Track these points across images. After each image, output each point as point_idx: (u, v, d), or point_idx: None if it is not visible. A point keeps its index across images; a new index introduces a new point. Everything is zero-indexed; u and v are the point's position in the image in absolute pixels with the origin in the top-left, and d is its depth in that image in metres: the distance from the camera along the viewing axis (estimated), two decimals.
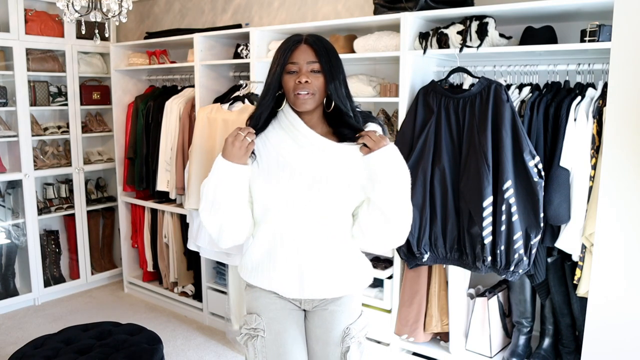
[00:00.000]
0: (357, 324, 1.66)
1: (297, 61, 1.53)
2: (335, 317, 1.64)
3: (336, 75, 1.53)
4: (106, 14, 2.39)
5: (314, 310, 1.67)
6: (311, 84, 1.51)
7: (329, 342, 1.63)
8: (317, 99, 1.54)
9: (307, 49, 1.53)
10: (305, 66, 1.52)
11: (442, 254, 2.40)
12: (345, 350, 1.61)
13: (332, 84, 1.53)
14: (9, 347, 3.17)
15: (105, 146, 4.40)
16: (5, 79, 3.69)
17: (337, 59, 1.56)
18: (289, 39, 1.56)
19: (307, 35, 1.56)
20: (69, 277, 4.15)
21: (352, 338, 1.63)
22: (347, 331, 1.63)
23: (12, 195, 3.77)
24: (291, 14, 3.40)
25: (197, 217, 3.18)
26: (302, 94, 1.52)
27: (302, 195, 1.53)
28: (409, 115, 2.43)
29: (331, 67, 1.53)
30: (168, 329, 3.46)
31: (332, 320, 1.64)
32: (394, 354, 2.66)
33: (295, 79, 1.52)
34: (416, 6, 2.46)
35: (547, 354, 2.39)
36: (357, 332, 1.65)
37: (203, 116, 3.03)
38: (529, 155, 2.11)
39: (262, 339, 1.62)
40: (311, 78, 1.52)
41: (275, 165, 1.55)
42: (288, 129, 1.57)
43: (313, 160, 1.54)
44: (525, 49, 2.22)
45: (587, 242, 2.09)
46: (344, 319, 1.64)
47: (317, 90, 1.53)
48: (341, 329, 1.63)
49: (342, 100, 1.54)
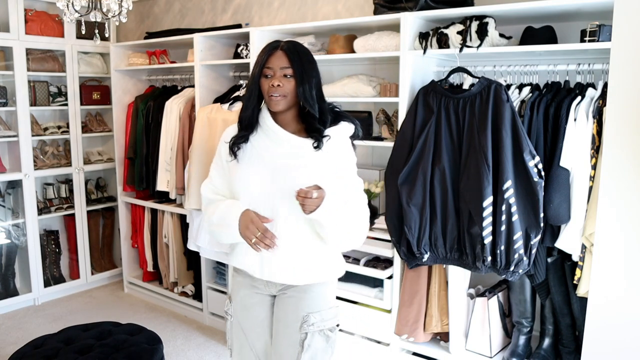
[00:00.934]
0: (321, 314, 1.75)
1: (272, 66, 1.69)
2: (295, 302, 1.75)
3: (307, 80, 1.69)
4: (106, 14, 2.39)
5: (278, 294, 1.81)
6: (283, 87, 1.67)
7: (288, 325, 1.75)
8: (288, 101, 1.70)
9: (282, 55, 1.69)
10: (278, 71, 1.68)
11: (442, 254, 2.40)
12: (304, 337, 1.72)
13: (301, 87, 1.68)
14: (9, 347, 3.17)
15: (105, 146, 4.40)
16: (5, 79, 3.69)
17: (310, 64, 1.72)
18: (268, 44, 1.73)
19: (284, 42, 1.72)
20: (69, 277, 4.15)
21: (311, 326, 1.72)
22: (305, 318, 1.73)
23: (12, 195, 3.77)
24: (291, 14, 3.40)
25: (197, 217, 3.18)
26: (274, 96, 1.68)
27: (269, 184, 1.69)
28: (409, 115, 2.43)
29: (302, 71, 1.69)
30: (168, 329, 3.46)
31: (292, 304, 1.76)
32: (394, 354, 2.66)
33: (269, 82, 1.68)
34: (416, 6, 2.46)
35: (547, 354, 2.39)
36: (318, 321, 1.73)
37: (203, 116, 3.03)
38: (529, 155, 2.11)
39: (231, 322, 1.87)
40: (283, 82, 1.68)
41: (249, 159, 1.75)
42: (264, 128, 1.75)
43: (282, 153, 1.71)
44: (525, 49, 2.22)
45: (587, 242, 2.09)
46: (304, 306, 1.74)
47: (289, 93, 1.69)
48: (300, 315, 1.73)
49: (309, 101, 1.69)
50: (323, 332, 1.75)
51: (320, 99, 1.72)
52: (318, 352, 1.75)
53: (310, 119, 1.72)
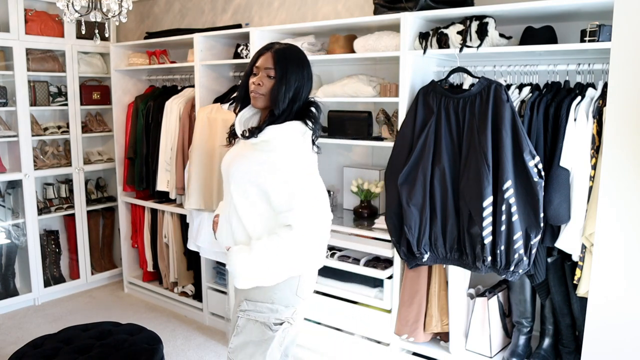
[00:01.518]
0: (255, 304, 1.79)
1: (259, 65, 1.80)
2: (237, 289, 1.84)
3: (285, 82, 1.74)
4: (106, 14, 2.39)
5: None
6: (262, 86, 1.77)
7: (236, 304, 1.89)
8: (267, 99, 1.79)
9: (269, 57, 1.77)
10: (263, 71, 1.78)
11: (442, 254, 2.40)
12: (236, 320, 1.84)
13: (276, 87, 1.75)
14: (9, 347, 3.17)
15: (105, 146, 4.40)
16: (5, 79, 3.69)
17: (296, 68, 1.77)
18: (265, 46, 1.83)
19: (279, 45, 1.82)
20: (69, 277, 4.15)
21: (243, 312, 1.81)
22: (240, 302, 1.84)
23: (12, 195, 3.77)
24: (291, 14, 3.40)
25: (197, 217, 3.18)
26: (253, 93, 1.79)
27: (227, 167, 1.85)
28: (409, 115, 2.43)
29: (283, 73, 1.75)
30: (168, 329, 3.46)
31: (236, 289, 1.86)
32: (394, 354, 2.66)
33: (253, 79, 1.80)
34: (416, 6, 2.46)
35: (547, 354, 2.39)
36: (251, 310, 1.80)
37: (203, 116, 3.03)
38: (529, 155, 2.11)
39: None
40: (264, 81, 1.77)
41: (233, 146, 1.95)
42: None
43: (240, 143, 1.87)
44: (525, 49, 2.22)
45: (587, 242, 2.09)
46: (244, 291, 1.81)
47: (267, 93, 1.78)
48: (240, 297, 1.85)
49: (276, 101, 1.75)
50: (257, 322, 1.79)
51: (292, 102, 1.76)
52: (251, 342, 1.80)
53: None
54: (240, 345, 1.81)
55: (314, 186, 1.77)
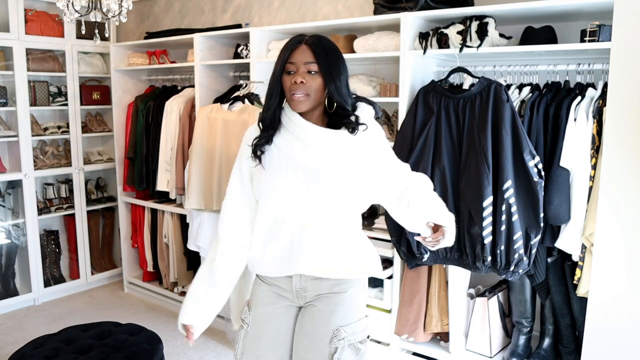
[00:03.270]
0: (352, 327, 1.62)
1: (295, 61, 1.54)
2: (326, 316, 1.62)
3: (336, 76, 1.54)
4: (106, 14, 2.39)
5: (306, 306, 1.67)
6: (306, 84, 1.52)
7: (317, 339, 1.62)
8: (312, 100, 1.55)
9: (306, 49, 1.54)
10: (302, 67, 1.53)
11: (442, 254, 2.40)
12: (333, 352, 1.59)
13: (332, 85, 1.54)
14: (9, 347, 3.17)
15: (105, 146, 4.40)
16: (5, 79, 3.69)
17: (337, 59, 1.57)
18: (292, 38, 1.58)
19: (309, 36, 1.57)
20: (69, 277, 4.15)
21: (342, 340, 1.60)
22: (336, 332, 1.60)
23: (12, 195, 3.77)
24: (291, 14, 3.40)
25: (197, 217, 3.18)
26: (297, 94, 1.53)
27: (304, 190, 1.56)
28: (409, 115, 2.43)
29: (330, 67, 1.54)
30: (168, 329, 3.46)
31: (322, 317, 1.62)
32: (394, 354, 2.66)
33: (292, 79, 1.53)
34: (416, 6, 2.46)
35: (547, 354, 2.39)
36: (349, 335, 1.61)
37: (203, 116, 3.03)
38: (529, 155, 2.11)
39: (246, 331, 1.70)
40: (307, 79, 1.53)
41: (278, 163, 1.60)
42: (289, 127, 1.60)
43: (313, 154, 1.57)
44: (525, 49, 2.22)
45: (587, 242, 2.09)
46: (335, 319, 1.61)
47: (313, 91, 1.54)
48: (331, 328, 1.60)
49: (344, 99, 1.57)
50: (353, 345, 1.62)
51: (350, 96, 1.61)
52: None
53: (335, 117, 1.61)
54: None
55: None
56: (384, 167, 1.63)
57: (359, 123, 1.57)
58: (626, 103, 1.92)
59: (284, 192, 1.58)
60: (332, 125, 1.60)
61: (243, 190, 1.69)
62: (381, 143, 1.65)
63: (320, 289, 1.63)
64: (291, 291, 1.66)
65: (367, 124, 1.59)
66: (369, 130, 1.60)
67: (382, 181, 1.63)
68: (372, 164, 1.60)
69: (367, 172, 1.59)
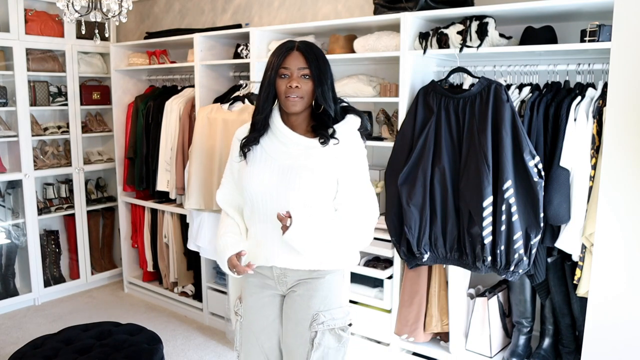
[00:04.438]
0: (331, 313, 1.74)
1: (289, 66, 1.68)
2: (305, 301, 1.75)
3: (324, 81, 1.68)
4: (106, 14, 2.39)
5: (288, 293, 1.81)
6: (301, 88, 1.67)
7: (298, 323, 1.75)
8: (305, 102, 1.70)
9: (299, 55, 1.68)
10: (296, 72, 1.67)
11: (442, 254, 2.40)
12: (314, 336, 1.71)
13: (320, 89, 1.68)
14: (9, 347, 3.17)
15: (105, 146, 4.40)
16: (5, 79, 3.69)
17: (325, 65, 1.71)
18: (283, 45, 1.72)
19: (299, 42, 1.71)
20: (69, 277, 4.15)
21: (322, 324, 1.72)
22: (315, 317, 1.72)
23: (12, 195, 3.77)
24: (291, 14, 3.40)
25: (197, 217, 3.18)
26: (291, 97, 1.67)
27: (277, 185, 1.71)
28: (409, 115, 2.43)
29: (320, 73, 1.68)
30: (168, 329, 3.46)
31: (301, 302, 1.75)
32: (394, 354, 2.66)
33: (286, 83, 1.67)
34: (416, 6, 2.46)
35: (547, 354, 2.39)
36: (328, 320, 1.73)
37: (203, 116, 3.03)
38: (529, 155, 2.11)
39: (240, 323, 1.87)
40: (301, 83, 1.67)
41: (259, 161, 1.76)
42: (273, 130, 1.75)
43: (291, 154, 1.72)
44: (525, 49, 2.22)
45: (587, 242, 2.09)
46: (314, 304, 1.74)
47: (306, 94, 1.69)
48: (310, 313, 1.73)
49: (328, 103, 1.70)
50: (334, 330, 1.74)
51: (334, 100, 1.73)
52: (329, 351, 1.74)
53: (321, 119, 1.73)
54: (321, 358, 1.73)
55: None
56: (342, 184, 1.73)
57: (332, 137, 1.69)
58: (626, 103, 1.92)
59: (260, 187, 1.72)
60: (315, 129, 1.74)
61: (233, 180, 1.88)
62: (354, 161, 1.75)
63: (299, 275, 1.77)
64: (273, 278, 1.80)
65: (341, 140, 1.70)
66: (347, 145, 1.72)
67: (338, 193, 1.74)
68: (340, 176, 1.72)
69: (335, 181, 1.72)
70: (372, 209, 1.76)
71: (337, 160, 1.70)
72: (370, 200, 1.76)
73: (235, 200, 1.87)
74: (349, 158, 1.73)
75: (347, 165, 1.72)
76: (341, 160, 1.71)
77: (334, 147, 1.70)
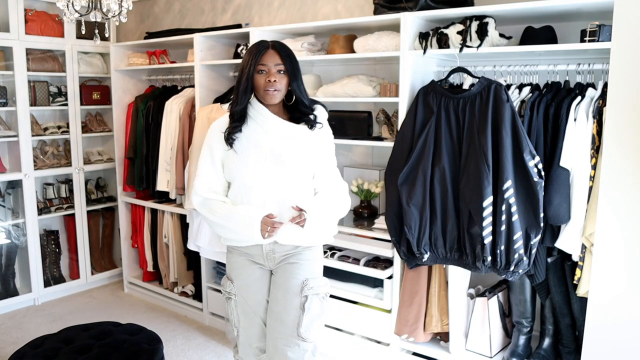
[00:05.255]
0: (317, 280, 1.99)
1: (266, 63, 1.89)
2: (295, 269, 1.97)
3: (297, 75, 1.94)
4: (106, 14, 2.39)
5: (277, 267, 2.02)
6: (278, 82, 1.90)
7: (289, 290, 1.95)
8: (281, 94, 1.94)
9: (274, 53, 1.90)
10: (273, 68, 1.89)
11: (442, 254, 2.40)
12: (304, 300, 1.93)
13: (295, 82, 1.93)
14: (9, 347, 3.17)
15: (105, 146, 4.40)
16: (5, 79, 3.69)
17: (297, 62, 1.95)
18: (258, 44, 1.92)
19: (273, 42, 1.93)
20: (69, 277, 4.15)
21: (311, 289, 1.95)
22: (305, 282, 1.95)
23: (12, 195, 3.77)
24: (291, 14, 3.40)
25: (197, 217, 3.18)
26: (270, 90, 1.89)
27: (270, 169, 1.92)
28: (409, 115, 2.43)
29: (293, 68, 1.92)
30: (168, 329, 3.46)
31: (292, 271, 1.97)
32: (394, 354, 2.66)
33: (265, 78, 1.89)
34: (416, 6, 2.46)
35: (547, 354, 2.39)
36: (316, 286, 1.96)
37: (203, 116, 3.04)
38: (529, 155, 2.11)
39: (235, 301, 2.05)
40: (278, 78, 1.90)
41: (247, 148, 1.95)
42: (257, 119, 1.95)
43: (278, 140, 1.93)
44: (525, 49, 2.22)
45: (587, 242, 2.09)
46: (303, 272, 1.97)
47: (282, 87, 1.92)
48: (300, 280, 1.96)
49: (302, 94, 1.96)
50: (319, 295, 1.96)
51: (305, 92, 1.98)
52: (315, 316, 1.95)
53: (295, 109, 1.98)
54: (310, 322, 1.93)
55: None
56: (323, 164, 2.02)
57: (317, 122, 1.98)
58: (626, 103, 1.92)
59: (253, 171, 1.92)
60: (294, 120, 1.98)
61: (215, 170, 2.01)
62: (328, 143, 2.06)
63: (286, 250, 1.99)
64: (262, 255, 2.00)
65: (323, 124, 2.01)
66: (325, 130, 2.03)
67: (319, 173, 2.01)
68: (319, 157, 1.99)
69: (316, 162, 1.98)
70: (344, 183, 2.08)
71: (318, 142, 1.98)
72: (340, 177, 2.08)
73: (220, 186, 2.02)
74: (326, 141, 2.03)
75: (326, 147, 2.02)
76: (321, 143, 2.00)
77: (317, 131, 1.98)
